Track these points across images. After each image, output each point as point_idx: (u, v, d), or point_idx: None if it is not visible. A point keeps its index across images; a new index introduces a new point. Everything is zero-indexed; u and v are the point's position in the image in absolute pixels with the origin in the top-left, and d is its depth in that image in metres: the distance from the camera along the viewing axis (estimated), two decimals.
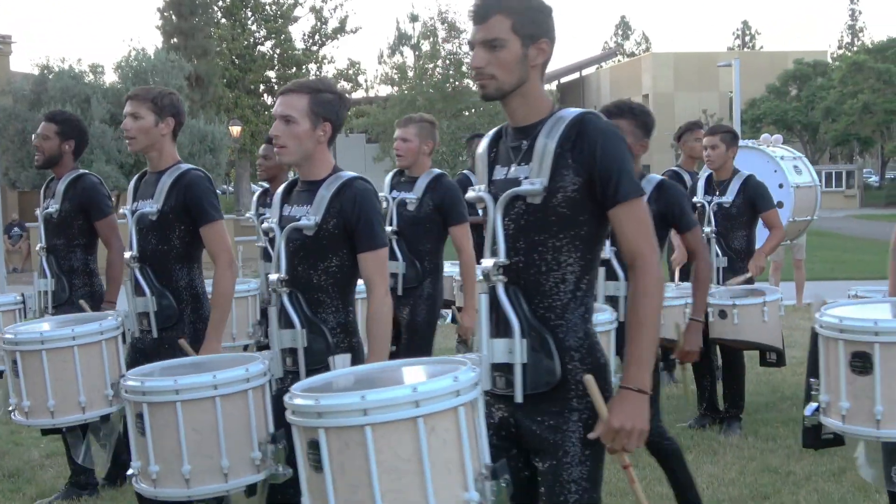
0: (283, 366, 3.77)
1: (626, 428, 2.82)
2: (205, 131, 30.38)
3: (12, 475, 6.47)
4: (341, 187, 3.77)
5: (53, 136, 5.85)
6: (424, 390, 2.51)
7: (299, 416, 2.59)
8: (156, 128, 4.55)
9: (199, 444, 3.49)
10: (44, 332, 4.42)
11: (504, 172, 3.04)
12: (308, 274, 3.77)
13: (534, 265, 2.92)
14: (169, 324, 4.51)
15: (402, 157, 6.18)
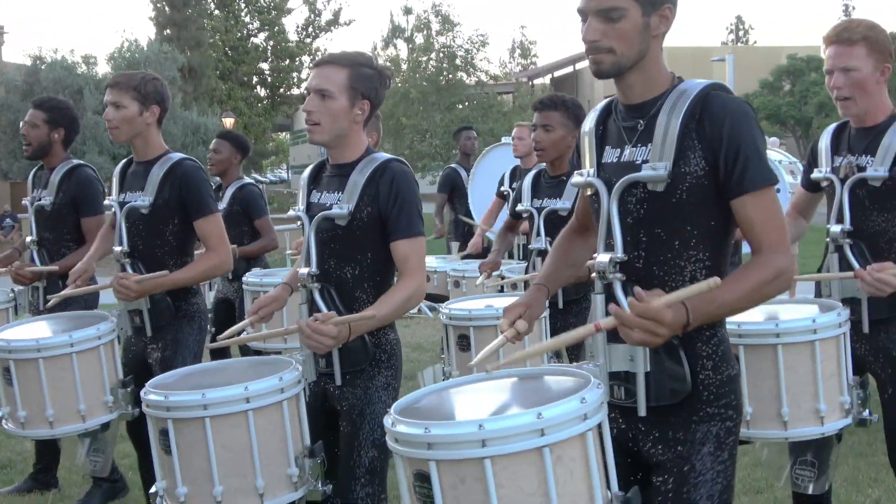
0: (316, 368, 3.48)
1: (663, 322, 2.36)
2: (197, 123, 30.33)
3: (4, 466, 6.43)
4: (376, 171, 3.43)
5: (42, 123, 5.53)
6: (550, 416, 2.22)
7: (405, 445, 2.29)
8: (140, 117, 4.32)
9: (231, 462, 3.15)
10: (40, 340, 4.12)
11: (616, 154, 2.68)
12: (341, 268, 3.47)
13: (656, 261, 2.59)
14: (164, 321, 4.34)
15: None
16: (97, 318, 4.36)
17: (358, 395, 3.45)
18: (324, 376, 3.50)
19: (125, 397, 4.21)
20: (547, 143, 5.00)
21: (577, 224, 3.08)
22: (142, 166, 4.40)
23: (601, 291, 2.62)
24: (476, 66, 38.78)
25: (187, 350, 4.40)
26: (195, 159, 4.47)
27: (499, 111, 37.14)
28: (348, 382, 3.46)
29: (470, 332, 4.55)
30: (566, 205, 4.93)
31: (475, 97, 37.89)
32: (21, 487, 5.89)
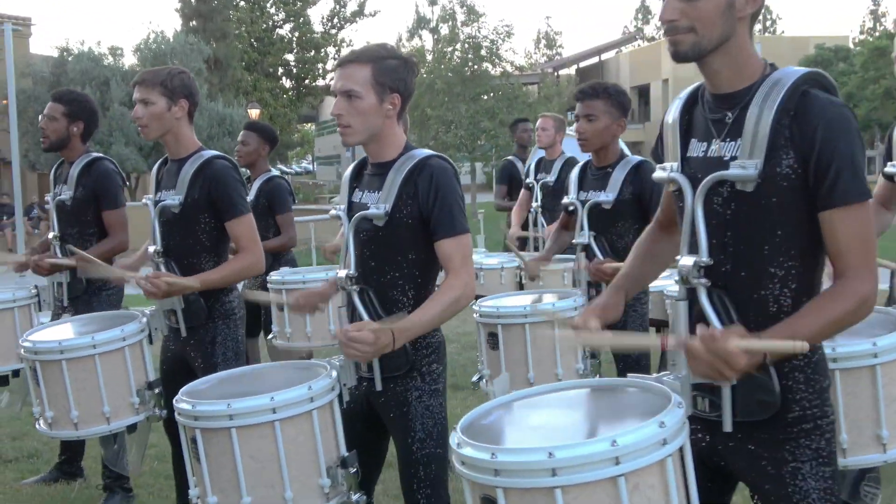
0: (355, 373, 3.36)
1: (736, 367, 2.21)
2: (223, 114, 30.40)
3: (31, 456, 6.49)
4: (415, 168, 3.29)
5: (60, 117, 5.45)
6: (625, 443, 2.07)
7: (471, 469, 2.17)
8: (169, 112, 4.22)
9: (259, 473, 3.08)
10: (62, 342, 4.06)
11: (702, 149, 2.50)
12: (380, 270, 3.33)
13: (745, 266, 2.41)
14: (198, 321, 4.28)
15: None
16: (124, 319, 4.31)
17: (403, 407, 3.33)
18: (365, 380, 3.38)
19: (153, 399, 4.17)
20: (590, 134, 4.82)
21: (663, 218, 2.89)
22: (175, 165, 4.34)
23: (684, 298, 2.47)
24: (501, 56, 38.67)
25: (227, 350, 4.34)
26: (228, 157, 4.39)
27: (524, 102, 37.00)
28: (390, 389, 3.34)
29: (498, 330, 4.45)
30: (609, 197, 4.78)
31: (500, 88, 37.74)
32: (47, 477, 5.92)
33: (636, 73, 54.89)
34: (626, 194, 4.79)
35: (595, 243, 4.85)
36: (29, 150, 28.40)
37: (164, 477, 5.74)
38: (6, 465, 6.30)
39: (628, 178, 4.81)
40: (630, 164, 4.86)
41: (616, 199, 4.78)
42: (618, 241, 4.82)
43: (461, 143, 36.12)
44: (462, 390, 4.91)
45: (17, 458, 6.43)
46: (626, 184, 4.79)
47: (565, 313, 4.43)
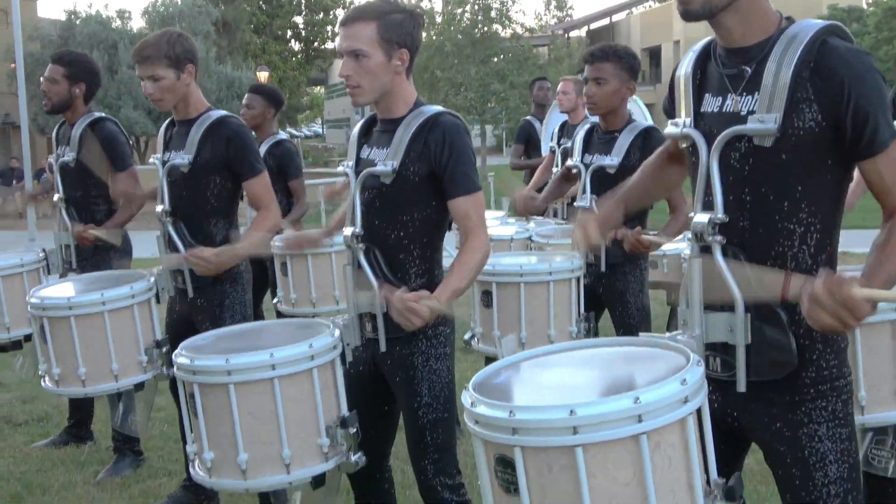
0: (361, 333, 3.34)
1: (859, 317, 2.11)
2: (232, 77, 30.32)
3: (41, 419, 6.52)
4: (425, 125, 3.22)
5: (61, 79, 5.43)
6: (648, 401, 2.02)
7: (486, 428, 2.12)
8: (178, 81, 4.20)
9: (257, 430, 3.05)
10: (71, 298, 4.05)
11: (717, 104, 2.44)
12: (387, 228, 3.28)
13: (762, 224, 2.36)
14: (205, 282, 4.26)
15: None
16: (133, 278, 4.30)
17: (408, 370, 3.29)
18: (371, 341, 3.34)
19: (160, 358, 4.16)
20: (599, 97, 4.75)
21: (672, 148, 2.84)
22: (183, 125, 4.32)
23: (698, 255, 2.42)
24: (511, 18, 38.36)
25: (235, 313, 4.34)
26: (237, 116, 4.37)
27: (534, 64, 36.75)
28: (396, 351, 3.30)
29: (493, 288, 4.40)
30: (614, 161, 4.74)
31: (510, 50, 37.48)
32: (57, 441, 5.95)
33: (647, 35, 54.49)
34: (632, 160, 4.75)
35: (596, 207, 4.80)
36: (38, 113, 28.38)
37: (173, 440, 5.76)
38: (16, 429, 6.34)
39: (635, 143, 4.76)
40: (637, 130, 4.82)
41: (621, 164, 4.74)
42: None
43: (471, 106, 35.92)
44: (472, 353, 4.88)
45: (26, 422, 6.47)
46: (632, 149, 4.74)
47: (562, 274, 4.41)
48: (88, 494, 5.12)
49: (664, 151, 2.89)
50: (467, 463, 5.05)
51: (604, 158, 4.80)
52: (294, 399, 3.09)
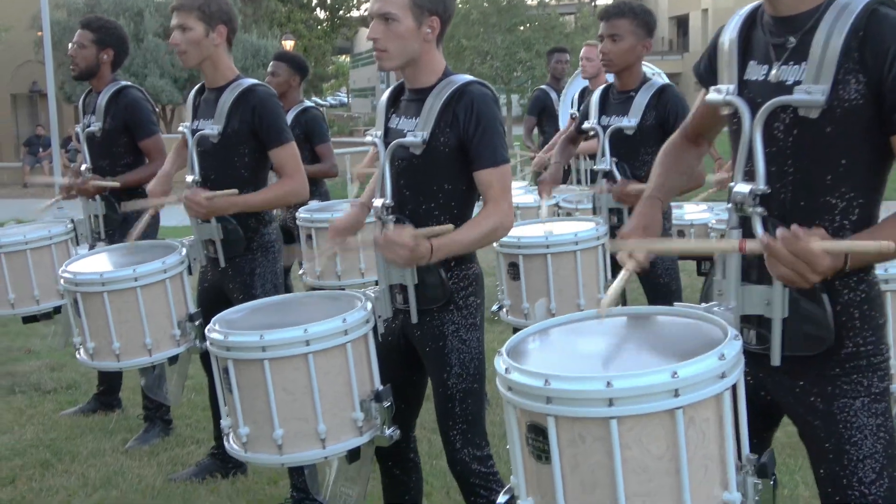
0: (392, 304, 3.33)
1: (818, 268, 2.10)
2: (257, 46, 30.26)
3: (70, 387, 6.57)
4: (454, 94, 3.17)
5: (90, 44, 5.42)
6: (686, 375, 2.01)
7: (520, 395, 2.10)
8: (207, 38, 4.16)
9: (291, 405, 3.05)
10: (104, 274, 4.06)
11: (762, 72, 2.38)
12: (417, 199, 3.25)
13: (804, 196, 2.31)
14: (236, 251, 4.27)
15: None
16: (164, 250, 4.29)
17: (439, 340, 3.27)
18: (401, 313, 3.33)
19: (193, 331, 4.16)
20: (615, 54, 4.73)
21: (691, 131, 2.80)
22: (213, 93, 4.30)
23: (737, 226, 2.39)
24: None
25: (266, 282, 4.33)
26: (266, 85, 4.33)
27: (561, 32, 36.46)
28: (426, 322, 3.28)
29: (519, 261, 4.38)
30: (632, 122, 4.71)
31: (537, 18, 37.19)
32: (85, 408, 5.99)
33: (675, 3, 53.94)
34: (649, 119, 4.72)
35: (617, 169, 4.78)
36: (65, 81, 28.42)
37: (201, 409, 5.79)
38: (45, 396, 6.39)
39: (651, 102, 4.74)
40: (654, 88, 4.79)
41: (639, 125, 4.71)
42: (640, 167, 4.75)
43: (497, 75, 35.71)
44: (500, 323, 4.87)
45: (55, 389, 6.52)
46: (649, 108, 4.73)
47: (588, 242, 4.37)
48: (117, 462, 5.16)
49: (681, 136, 2.85)
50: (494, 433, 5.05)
51: (621, 119, 4.78)
52: (328, 374, 3.09)
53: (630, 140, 4.75)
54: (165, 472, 5.00)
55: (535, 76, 35.05)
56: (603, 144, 4.82)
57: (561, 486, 2.07)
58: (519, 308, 4.40)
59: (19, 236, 5.19)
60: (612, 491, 2.03)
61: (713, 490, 2.10)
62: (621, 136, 4.76)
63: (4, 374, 6.89)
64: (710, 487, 2.09)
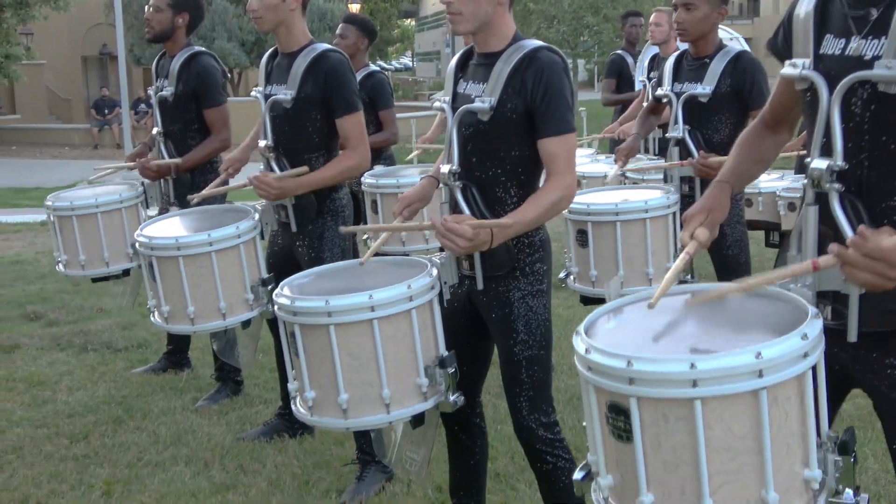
0: (457, 270, 3.32)
1: (891, 262, 2.05)
2: (324, 9, 30.32)
3: (141, 345, 6.70)
4: (524, 60, 3.14)
5: (166, 7, 5.46)
6: (770, 356, 2.00)
7: (601, 375, 2.10)
8: (283, 3, 4.18)
9: (357, 370, 3.08)
10: (179, 238, 4.11)
11: (839, 46, 2.32)
12: (484, 165, 3.23)
13: (882, 173, 2.25)
14: (308, 216, 4.33)
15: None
16: (238, 215, 4.33)
17: (505, 307, 3.27)
18: (467, 279, 3.33)
19: (266, 295, 4.20)
20: (689, 23, 4.67)
21: (770, 118, 2.75)
22: (286, 59, 4.33)
23: (813, 202, 2.35)
24: None
25: (334, 246, 4.38)
26: (340, 51, 4.35)
27: None
28: (492, 289, 3.28)
29: (588, 228, 4.35)
30: (707, 90, 4.65)
31: None
32: (155, 367, 6.10)
33: None
34: (724, 87, 4.66)
35: (690, 137, 4.72)
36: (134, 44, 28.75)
37: (269, 370, 5.87)
38: (116, 354, 6.52)
39: (727, 69, 4.68)
40: (729, 55, 4.72)
41: (714, 92, 4.65)
42: (713, 135, 4.70)
43: (563, 39, 35.34)
44: (565, 290, 4.85)
45: (126, 348, 6.65)
46: (724, 76, 4.66)
47: (658, 210, 4.34)
48: (187, 420, 5.26)
49: (760, 122, 2.80)
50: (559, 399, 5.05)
51: (695, 87, 4.72)
52: (393, 339, 3.10)
53: (704, 107, 4.69)
54: (234, 430, 5.10)
55: (601, 41, 34.67)
56: (676, 112, 4.76)
57: (643, 465, 2.07)
58: (587, 276, 4.39)
59: (91, 199, 5.27)
60: (694, 469, 2.03)
61: (794, 467, 2.10)
62: (695, 104, 4.71)
63: (77, 332, 7.04)
64: (791, 465, 2.09)
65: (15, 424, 5.25)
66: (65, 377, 6.06)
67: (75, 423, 5.27)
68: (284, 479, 4.48)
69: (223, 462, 4.71)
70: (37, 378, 6.03)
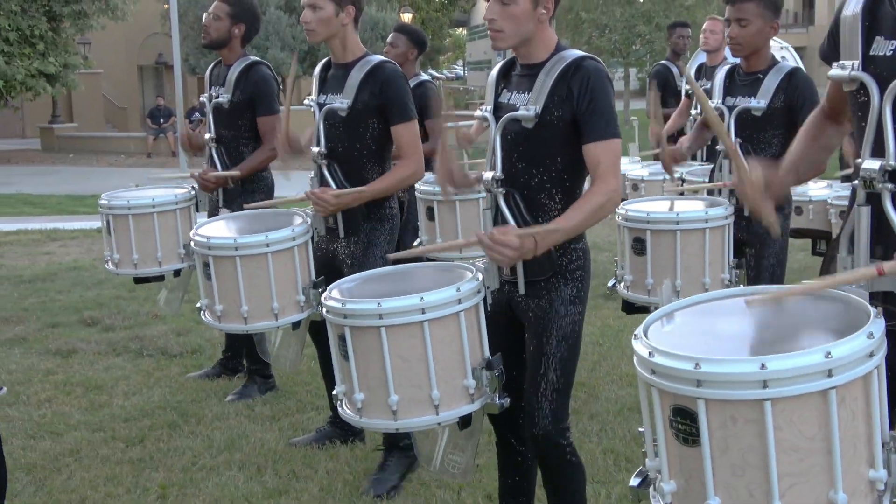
0: (500, 275, 3.37)
1: None
2: (376, 18, 30.50)
3: (195, 351, 6.78)
4: (567, 69, 3.20)
5: (225, 17, 5.56)
6: (839, 355, 2.01)
7: (666, 378, 2.10)
8: (336, 18, 4.29)
9: (406, 372, 3.14)
10: (238, 239, 4.22)
11: (890, 47, 2.36)
12: (528, 172, 3.28)
13: None
14: (356, 223, 4.38)
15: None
16: (289, 219, 4.42)
17: (543, 308, 3.32)
18: (508, 284, 3.39)
19: (316, 297, 4.27)
20: (743, 38, 4.65)
21: (829, 108, 2.77)
22: (341, 69, 4.40)
23: (865, 203, 2.36)
24: None
25: (378, 250, 4.43)
26: (394, 63, 4.42)
27: (681, 5, 35.78)
28: (533, 294, 3.33)
29: (646, 236, 4.38)
30: (761, 104, 4.63)
31: None
32: (210, 373, 6.18)
33: None
34: (777, 102, 4.64)
35: (741, 150, 4.71)
36: (189, 54, 29.10)
37: (320, 376, 5.89)
38: (171, 360, 6.61)
39: (782, 85, 4.65)
40: (783, 71, 4.69)
41: (768, 107, 4.62)
42: (765, 149, 4.68)
43: (615, 48, 35.25)
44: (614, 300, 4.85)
45: (181, 353, 6.74)
46: (778, 91, 4.63)
47: (717, 222, 4.36)
48: (240, 425, 5.32)
49: (820, 113, 2.81)
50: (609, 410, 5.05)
51: (749, 100, 4.69)
52: (442, 342, 3.15)
53: (756, 122, 4.67)
54: (287, 436, 5.15)
55: (654, 50, 34.51)
56: (728, 125, 4.75)
57: (710, 469, 2.07)
58: (642, 284, 4.40)
59: (147, 199, 5.39)
60: (764, 472, 2.03)
61: (860, 468, 2.10)
62: (747, 118, 4.69)
63: (133, 337, 7.14)
64: (858, 466, 2.10)
65: (73, 428, 5.34)
66: (121, 382, 6.16)
67: (131, 427, 5.36)
68: (336, 486, 4.51)
69: (276, 467, 4.76)
70: (93, 382, 6.13)
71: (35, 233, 12.57)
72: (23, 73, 24.27)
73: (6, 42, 24.02)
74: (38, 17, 24.79)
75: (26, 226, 13.26)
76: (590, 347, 6.28)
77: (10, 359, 6.70)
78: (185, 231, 5.37)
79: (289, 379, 6.05)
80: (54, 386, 6.08)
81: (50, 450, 5.03)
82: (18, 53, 24.35)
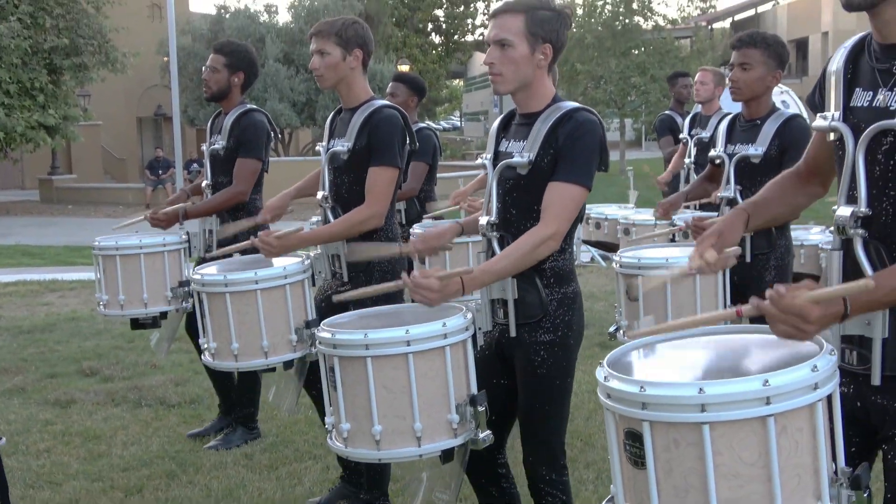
0: (492, 318, 3.47)
1: (808, 319, 2.15)
2: (373, 70, 30.78)
3: (193, 401, 6.79)
4: (561, 119, 3.31)
5: (222, 68, 5.61)
6: (777, 384, 2.06)
7: (618, 402, 2.18)
8: (343, 62, 4.32)
9: (391, 403, 3.21)
10: (227, 275, 4.28)
11: (867, 98, 2.41)
12: (522, 217, 3.38)
13: None
14: (359, 268, 4.36)
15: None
16: (286, 259, 4.46)
17: (531, 349, 3.39)
18: (499, 325, 3.47)
19: (310, 338, 4.29)
20: (743, 83, 4.73)
21: (804, 169, 2.84)
22: (348, 114, 4.45)
23: (839, 248, 2.44)
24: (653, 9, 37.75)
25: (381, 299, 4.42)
26: (398, 108, 4.43)
27: (676, 57, 36.11)
28: (524, 335, 3.40)
29: (638, 281, 4.44)
30: (759, 151, 4.69)
31: (652, 42, 36.89)
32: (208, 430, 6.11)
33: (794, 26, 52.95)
34: (773, 149, 4.71)
35: (741, 198, 4.76)
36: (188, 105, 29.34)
37: (318, 425, 5.92)
38: (170, 410, 6.62)
39: (779, 131, 4.72)
40: (782, 118, 4.78)
41: (766, 154, 4.69)
42: None
43: (610, 99, 35.52)
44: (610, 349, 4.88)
45: (179, 404, 6.75)
46: (775, 137, 4.71)
47: None
48: (238, 474, 5.33)
49: (794, 173, 2.88)
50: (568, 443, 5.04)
51: (747, 148, 4.76)
52: (426, 375, 3.24)
53: (756, 168, 4.72)
54: (284, 485, 5.16)
55: (649, 101, 34.81)
56: (728, 172, 4.81)
57: (655, 491, 2.14)
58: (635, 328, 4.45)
59: (135, 240, 5.48)
60: (704, 496, 2.09)
61: (806, 500, 2.14)
62: (747, 165, 4.75)
63: (132, 387, 7.16)
64: (802, 497, 2.14)
65: (71, 478, 5.35)
66: (119, 432, 6.17)
67: (130, 476, 5.37)
68: None
69: None
70: (92, 432, 6.14)
71: (34, 284, 12.60)
72: (23, 126, 24.43)
73: (7, 94, 24.20)
74: (38, 69, 25.00)
75: (25, 277, 13.28)
76: (585, 396, 6.29)
77: (9, 409, 6.71)
78: (173, 274, 5.43)
79: (286, 428, 6.07)
80: (53, 436, 6.10)
81: (49, 500, 5.04)
82: (19, 106, 24.53)
